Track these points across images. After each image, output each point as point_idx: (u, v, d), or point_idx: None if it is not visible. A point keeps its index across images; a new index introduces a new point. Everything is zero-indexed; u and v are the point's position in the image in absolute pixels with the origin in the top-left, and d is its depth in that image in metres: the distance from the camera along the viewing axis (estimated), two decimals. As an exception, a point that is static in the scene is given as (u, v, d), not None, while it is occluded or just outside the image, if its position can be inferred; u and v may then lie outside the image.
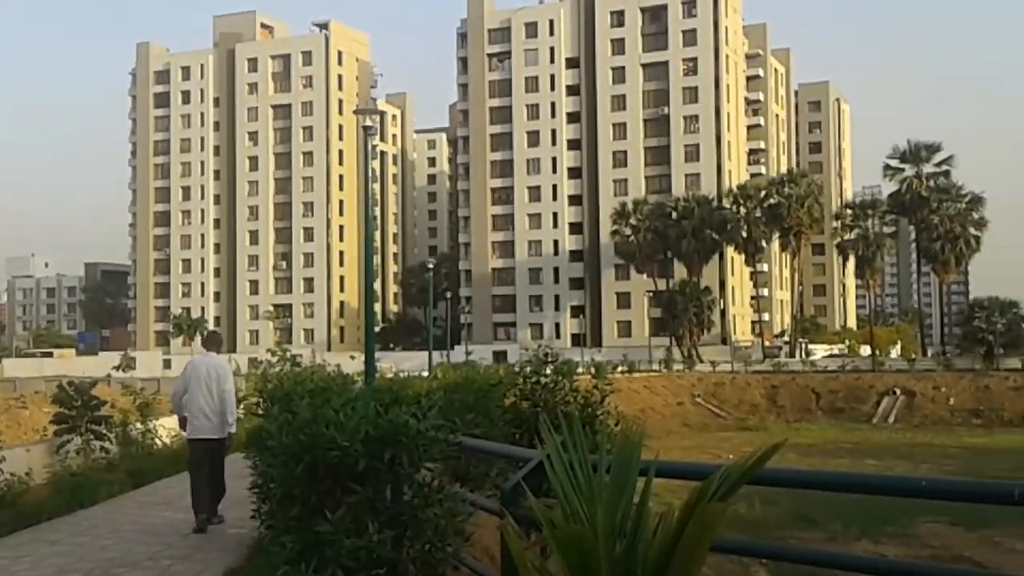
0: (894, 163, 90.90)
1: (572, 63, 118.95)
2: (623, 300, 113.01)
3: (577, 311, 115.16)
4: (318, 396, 6.62)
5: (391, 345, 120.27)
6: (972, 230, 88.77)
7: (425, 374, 24.77)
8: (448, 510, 5.50)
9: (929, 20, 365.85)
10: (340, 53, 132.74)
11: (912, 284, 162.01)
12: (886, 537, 25.49)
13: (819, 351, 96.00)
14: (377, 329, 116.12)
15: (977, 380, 68.51)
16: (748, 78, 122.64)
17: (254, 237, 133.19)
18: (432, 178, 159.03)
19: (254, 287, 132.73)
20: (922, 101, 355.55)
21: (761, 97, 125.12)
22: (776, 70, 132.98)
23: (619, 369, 73.35)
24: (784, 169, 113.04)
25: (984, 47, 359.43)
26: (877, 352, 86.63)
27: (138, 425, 18.32)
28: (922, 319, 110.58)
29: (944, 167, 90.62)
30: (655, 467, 3.83)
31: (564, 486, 3.56)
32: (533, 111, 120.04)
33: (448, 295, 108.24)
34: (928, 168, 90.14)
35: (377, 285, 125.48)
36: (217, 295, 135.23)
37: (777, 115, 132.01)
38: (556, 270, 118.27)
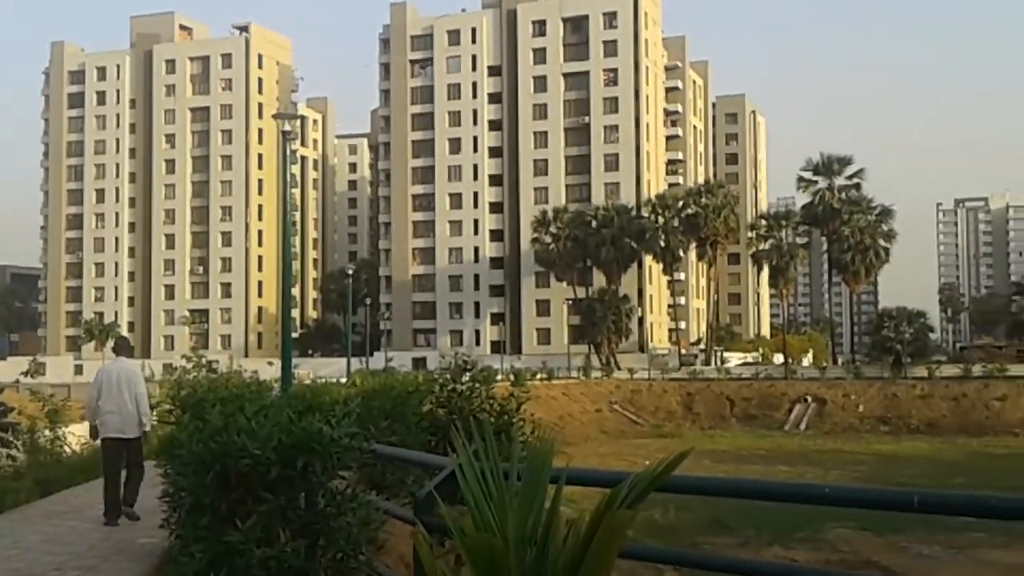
0: (807, 175, 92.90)
1: (494, 71, 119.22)
2: (543, 308, 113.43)
3: (497, 318, 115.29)
4: (231, 403, 6.53)
5: (310, 351, 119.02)
6: (881, 242, 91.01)
7: (344, 380, 24.58)
8: (361, 518, 5.48)
9: (842, 35, 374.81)
10: (260, 56, 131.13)
11: (824, 294, 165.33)
12: (797, 543, 25.95)
13: (734, 359, 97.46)
14: (295, 335, 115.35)
15: (885, 388, 70.22)
16: (667, 90, 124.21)
17: (170, 241, 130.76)
18: (353, 183, 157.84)
19: (170, 292, 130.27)
20: (835, 115, 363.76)
21: (680, 109, 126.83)
22: (695, 82, 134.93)
23: (538, 376, 73.83)
24: (701, 180, 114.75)
25: (893, 62, 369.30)
26: (790, 360, 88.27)
27: (47, 432, 17.82)
28: (833, 328, 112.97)
29: (855, 180, 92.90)
30: (566, 475, 3.87)
31: (475, 494, 3.57)
32: (455, 118, 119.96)
33: (368, 301, 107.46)
34: (840, 181, 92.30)
35: (296, 291, 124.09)
36: (131, 300, 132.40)
37: (695, 126, 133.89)
38: (476, 277, 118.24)
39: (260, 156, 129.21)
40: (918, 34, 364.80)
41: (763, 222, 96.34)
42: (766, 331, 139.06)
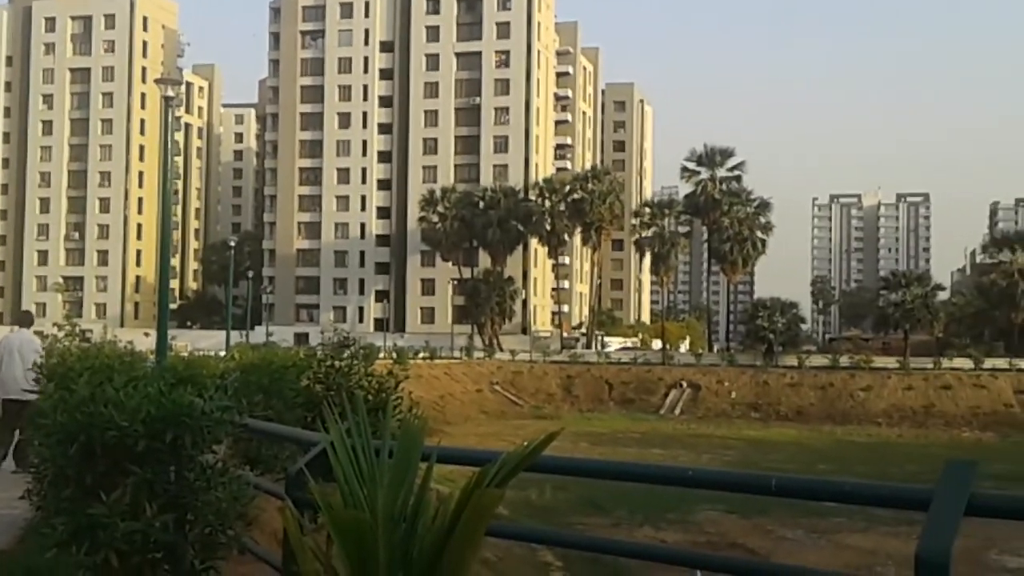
0: (691, 166, 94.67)
1: (386, 47, 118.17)
2: (428, 287, 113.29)
3: (381, 296, 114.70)
4: (100, 374, 6.37)
5: (189, 323, 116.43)
6: (759, 233, 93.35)
7: (223, 354, 24.16)
8: (231, 493, 5.42)
9: (730, 29, 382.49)
10: (146, 19, 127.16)
11: (703, 282, 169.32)
12: (667, 523, 26.60)
13: (614, 343, 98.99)
14: (174, 306, 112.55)
15: (757, 376, 72.39)
16: (558, 74, 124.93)
17: (45, 205, 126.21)
18: (239, 154, 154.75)
19: (43, 257, 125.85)
20: (720, 108, 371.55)
21: (570, 94, 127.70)
22: (585, 68, 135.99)
23: (421, 355, 73.73)
24: (589, 165, 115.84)
25: (779, 58, 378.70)
26: (667, 346, 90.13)
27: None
28: (710, 316, 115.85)
29: (736, 172, 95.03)
30: (436, 453, 3.91)
31: (345, 471, 3.58)
32: (345, 92, 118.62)
33: (250, 274, 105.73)
34: (721, 172, 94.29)
35: (176, 261, 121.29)
36: (2, 264, 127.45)
37: (584, 112, 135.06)
38: (362, 254, 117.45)
39: (142, 121, 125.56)
40: (803, 31, 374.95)
41: (647, 210, 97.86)
42: (646, 317, 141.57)
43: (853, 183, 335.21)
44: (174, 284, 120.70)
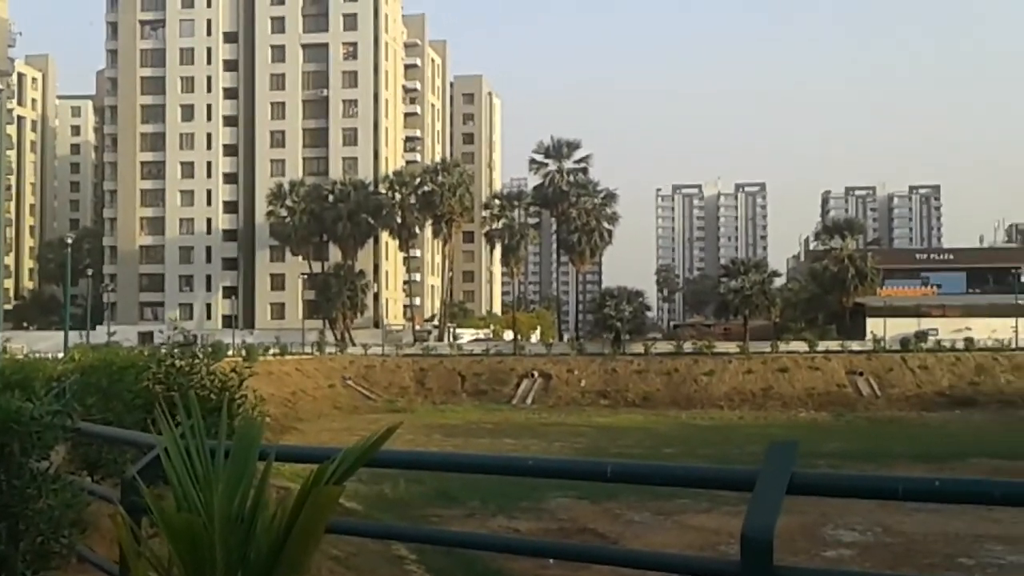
0: (539, 158, 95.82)
1: (230, 38, 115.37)
2: (277, 282, 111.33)
3: (230, 292, 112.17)
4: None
5: (25, 324, 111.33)
6: (605, 224, 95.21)
7: (61, 355, 23.24)
8: (64, 500, 5.27)
9: (576, 23, 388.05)
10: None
11: (552, 273, 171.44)
12: (520, 512, 26.92)
13: (466, 335, 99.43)
14: (9, 307, 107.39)
15: (606, 364, 73.87)
16: (406, 67, 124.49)
17: None
18: (76, 148, 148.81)
19: None
20: (566, 100, 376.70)
21: (418, 86, 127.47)
22: (433, 60, 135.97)
23: (271, 351, 72.60)
24: (439, 158, 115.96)
25: (619, 53, 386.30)
26: (519, 337, 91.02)
27: None
28: (560, 306, 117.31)
29: (583, 164, 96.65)
30: (275, 452, 3.90)
31: (179, 473, 3.54)
32: (188, 84, 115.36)
33: (90, 272, 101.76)
34: (569, 164, 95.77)
35: (9, 259, 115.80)
36: None
37: (433, 105, 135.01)
38: (209, 249, 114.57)
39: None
40: (643, 23, 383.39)
41: (497, 202, 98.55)
42: (498, 308, 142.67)
43: (695, 174, 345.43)
44: (8, 284, 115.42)
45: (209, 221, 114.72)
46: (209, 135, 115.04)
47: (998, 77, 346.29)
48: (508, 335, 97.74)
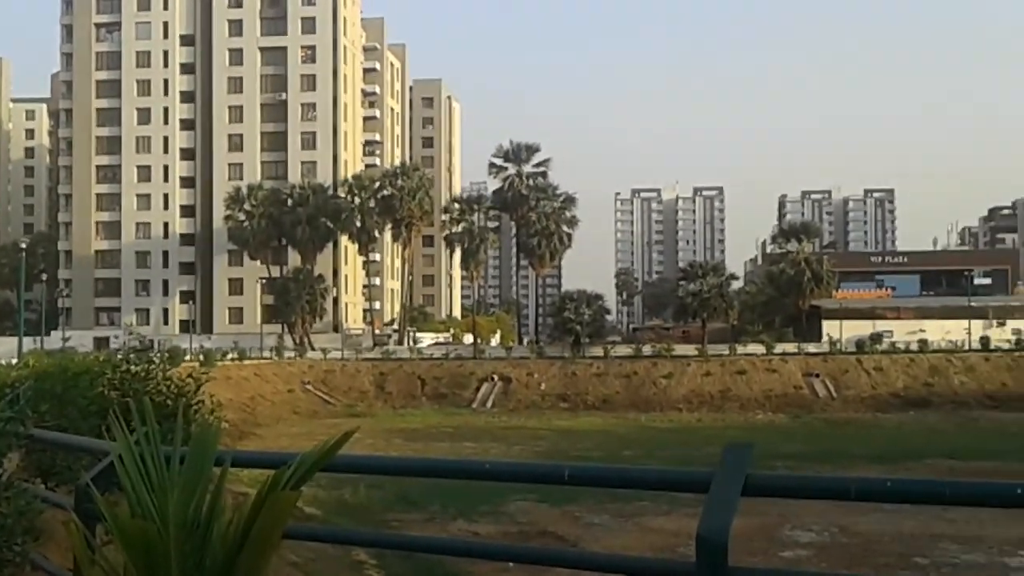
0: (498, 162, 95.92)
1: (187, 40, 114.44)
2: (235, 286, 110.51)
3: (187, 296, 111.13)
4: None
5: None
6: (565, 227, 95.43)
7: (15, 361, 22.88)
8: (17, 508, 5.20)
9: (535, 27, 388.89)
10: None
11: (512, 276, 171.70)
12: (480, 515, 26.93)
13: (426, 339, 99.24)
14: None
15: (565, 367, 74.00)
16: (365, 70, 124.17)
17: None
18: (30, 151, 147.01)
19: None
20: (526, 104, 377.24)
21: (377, 90, 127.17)
22: (392, 64, 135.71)
23: (229, 356, 71.93)
24: (398, 162, 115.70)
25: (577, 59, 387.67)
26: (479, 341, 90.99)
27: None
28: (520, 310, 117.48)
29: (542, 168, 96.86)
30: (231, 457, 3.88)
31: (133, 480, 3.51)
32: (144, 87, 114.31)
33: (45, 277, 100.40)
34: (528, 168, 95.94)
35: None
36: None
37: (392, 108, 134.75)
38: (166, 254, 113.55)
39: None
40: (608, 30, 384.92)
41: (456, 206, 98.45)
42: (457, 312, 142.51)
43: (653, 178, 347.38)
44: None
45: (166, 225, 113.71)
46: (166, 139, 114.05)
47: (952, 81, 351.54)
48: (468, 339, 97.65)
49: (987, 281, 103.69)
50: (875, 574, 20.00)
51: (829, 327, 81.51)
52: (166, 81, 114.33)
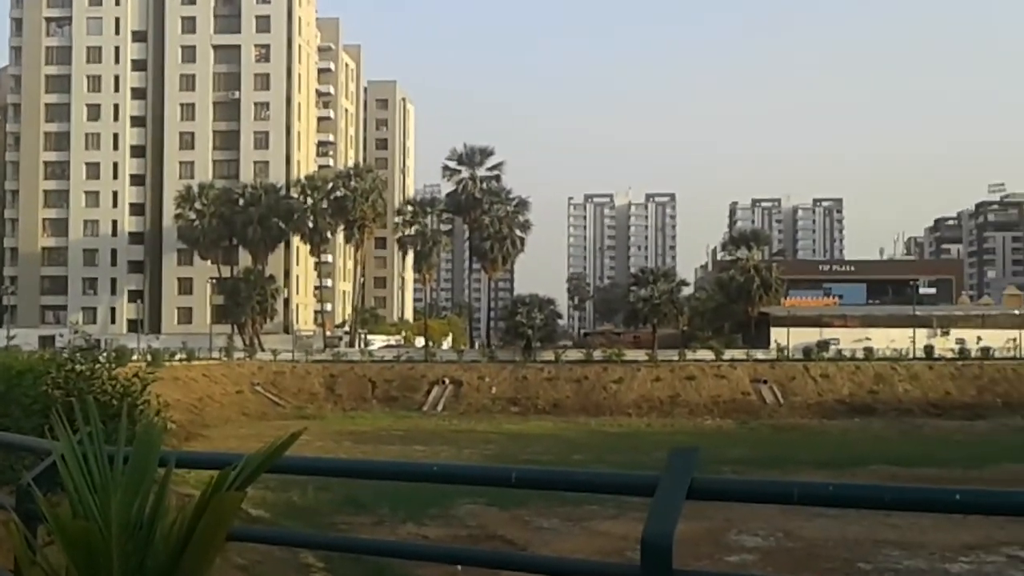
0: (452, 164, 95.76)
1: (139, 36, 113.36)
2: (185, 286, 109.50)
3: (135, 296, 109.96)
4: None
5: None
6: (518, 231, 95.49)
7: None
8: (-47, 509, 5.10)
9: (490, 32, 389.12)
10: None
11: (465, 280, 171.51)
12: (429, 519, 26.85)
13: (377, 341, 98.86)
14: None
15: (516, 371, 74.09)
16: (320, 70, 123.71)
17: None
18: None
19: None
20: (481, 107, 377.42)
21: (332, 90, 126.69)
22: (347, 65, 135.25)
23: (178, 356, 71.15)
24: (352, 163, 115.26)
25: (530, 62, 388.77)
26: (430, 343, 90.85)
27: None
28: (472, 313, 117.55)
29: (496, 171, 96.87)
30: (176, 458, 3.85)
31: (76, 480, 3.47)
32: (95, 83, 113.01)
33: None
34: (482, 171, 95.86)
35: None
36: None
37: (347, 109, 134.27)
38: (114, 252, 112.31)
39: None
40: (563, 33, 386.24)
41: (409, 208, 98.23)
42: (409, 315, 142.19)
43: (606, 183, 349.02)
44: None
45: (115, 223, 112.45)
46: (116, 135, 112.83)
47: (900, 92, 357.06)
48: (419, 342, 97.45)
49: (932, 291, 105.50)
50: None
51: (777, 334, 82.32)
52: (117, 77, 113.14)
